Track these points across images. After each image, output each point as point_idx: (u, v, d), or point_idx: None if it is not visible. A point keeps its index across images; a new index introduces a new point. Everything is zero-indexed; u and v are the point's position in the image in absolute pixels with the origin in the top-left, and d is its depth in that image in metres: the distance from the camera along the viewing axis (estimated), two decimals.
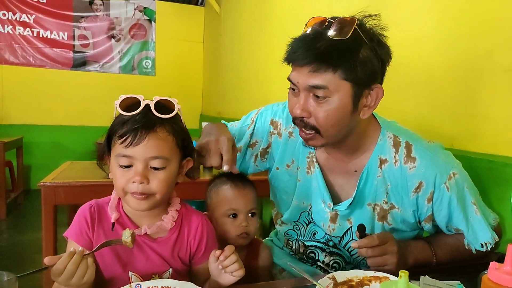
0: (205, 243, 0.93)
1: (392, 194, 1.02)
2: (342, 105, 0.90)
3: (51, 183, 1.89)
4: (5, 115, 5.20)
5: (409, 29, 1.55)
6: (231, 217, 1.11)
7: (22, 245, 3.30)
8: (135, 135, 0.80)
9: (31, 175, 5.32)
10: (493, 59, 1.18)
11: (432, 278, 0.87)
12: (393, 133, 1.03)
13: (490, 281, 0.59)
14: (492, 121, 1.19)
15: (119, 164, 0.83)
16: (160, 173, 0.83)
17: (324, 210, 1.07)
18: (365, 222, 1.03)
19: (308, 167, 1.10)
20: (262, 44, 3.31)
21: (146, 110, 0.83)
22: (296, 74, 0.92)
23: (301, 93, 0.92)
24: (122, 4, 5.58)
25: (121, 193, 0.85)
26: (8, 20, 5.14)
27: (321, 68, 0.87)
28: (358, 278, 0.84)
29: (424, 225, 1.05)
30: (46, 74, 5.30)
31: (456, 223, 1.01)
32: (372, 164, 1.02)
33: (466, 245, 1.03)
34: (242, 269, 0.83)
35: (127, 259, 0.87)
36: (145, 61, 5.73)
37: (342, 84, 0.88)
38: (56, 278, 0.74)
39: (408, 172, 1.00)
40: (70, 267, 0.73)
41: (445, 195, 0.98)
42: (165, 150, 0.83)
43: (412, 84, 1.53)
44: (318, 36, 0.88)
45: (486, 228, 1.00)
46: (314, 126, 0.92)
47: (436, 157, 1.00)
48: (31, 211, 4.38)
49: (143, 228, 0.87)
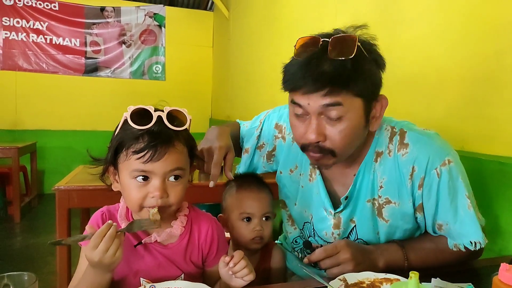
0: (217, 246, 0.94)
1: (387, 188, 0.99)
2: (357, 122, 0.89)
3: (65, 187, 1.92)
4: (19, 120, 5.30)
5: (418, 30, 1.54)
6: (245, 221, 1.12)
7: (36, 248, 3.36)
8: (154, 151, 0.78)
9: (45, 179, 5.41)
10: (502, 60, 1.17)
11: (444, 281, 0.87)
12: (390, 125, 1.01)
13: (501, 283, 0.59)
14: (503, 123, 1.18)
15: (136, 179, 0.81)
16: (177, 184, 0.83)
17: (327, 217, 1.06)
18: (368, 219, 1.03)
19: (311, 174, 1.09)
20: (271, 47, 3.33)
21: (159, 123, 0.81)
22: (304, 97, 0.87)
23: (312, 116, 0.88)
24: (133, 11, 5.66)
25: (136, 208, 0.83)
26: (22, 28, 5.25)
27: (334, 91, 0.84)
28: (369, 280, 0.84)
29: (417, 216, 1.00)
30: (59, 80, 5.41)
31: (442, 214, 0.96)
32: (369, 159, 1.00)
33: (453, 246, 0.97)
34: (252, 274, 0.83)
35: (138, 266, 0.87)
36: (155, 66, 5.80)
37: (355, 101, 0.87)
38: (91, 251, 0.73)
39: (401, 159, 0.96)
40: (107, 239, 0.73)
41: (435, 181, 0.94)
42: (182, 161, 0.84)
43: (421, 86, 1.53)
44: (319, 58, 0.85)
45: (478, 226, 0.94)
46: (329, 149, 0.89)
47: (431, 142, 0.96)
48: (45, 215, 4.46)
49: (153, 235, 0.87)
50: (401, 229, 1.02)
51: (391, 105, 0.93)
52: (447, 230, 0.98)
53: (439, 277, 0.87)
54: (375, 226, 1.03)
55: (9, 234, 3.72)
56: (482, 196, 1.17)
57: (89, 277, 0.78)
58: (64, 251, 1.98)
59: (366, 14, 1.86)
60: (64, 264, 1.99)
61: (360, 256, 0.92)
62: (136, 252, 0.87)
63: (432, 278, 0.87)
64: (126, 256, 0.86)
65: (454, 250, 0.98)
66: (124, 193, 0.86)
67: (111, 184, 0.89)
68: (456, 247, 0.97)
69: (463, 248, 0.96)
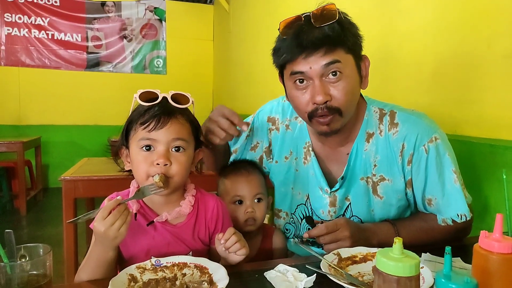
0: (222, 223, 0.99)
1: (381, 166, 1.05)
2: (354, 79, 0.97)
3: (71, 178, 1.99)
4: (23, 116, 5.36)
5: (413, 20, 1.58)
6: (237, 204, 1.15)
7: (42, 240, 3.42)
8: (158, 120, 0.87)
9: (49, 173, 5.48)
10: (492, 47, 1.21)
11: (433, 255, 0.91)
12: (378, 107, 1.08)
13: (481, 249, 0.63)
14: (492, 107, 1.22)
15: (142, 147, 0.88)
16: (180, 155, 0.89)
17: (322, 196, 1.11)
18: (362, 197, 1.08)
19: (305, 157, 1.14)
20: (271, 40, 3.35)
21: (164, 101, 0.90)
22: (304, 62, 0.94)
23: (315, 80, 0.94)
24: (133, 5, 5.68)
25: (144, 177, 0.88)
26: (24, 24, 5.29)
27: (330, 50, 0.92)
28: (362, 254, 0.89)
29: (407, 191, 1.06)
30: (61, 75, 5.46)
31: (431, 189, 1.01)
32: (360, 140, 1.07)
33: (442, 221, 1.02)
34: (245, 248, 0.88)
35: (149, 245, 0.92)
36: (156, 60, 5.83)
37: (348, 57, 0.95)
38: (99, 222, 0.78)
39: (392, 138, 1.03)
40: (115, 212, 0.79)
41: (423, 157, 1.00)
42: (185, 133, 0.90)
43: (418, 73, 1.56)
44: (308, 27, 0.93)
45: (464, 200, 1.00)
46: (336, 107, 0.95)
47: (419, 121, 1.03)
48: (50, 208, 4.54)
49: (164, 215, 0.93)
50: (395, 206, 1.08)
51: (389, 92, 0.97)
52: (436, 205, 1.03)
53: (429, 252, 0.92)
54: (369, 204, 1.08)
55: (16, 227, 3.80)
56: (473, 177, 1.21)
57: (94, 254, 0.84)
58: (71, 239, 2.04)
59: (364, 5, 1.90)
60: (71, 253, 2.06)
61: (357, 234, 0.97)
62: (147, 231, 0.92)
63: (422, 253, 0.92)
64: (137, 235, 0.91)
65: (442, 225, 1.03)
66: (133, 167, 0.92)
67: (123, 168, 0.96)
68: (444, 222, 1.03)
69: (450, 222, 1.02)
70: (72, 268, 2.04)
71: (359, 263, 0.87)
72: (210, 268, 0.81)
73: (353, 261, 0.87)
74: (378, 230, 1.03)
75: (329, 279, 0.76)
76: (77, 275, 0.86)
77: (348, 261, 0.87)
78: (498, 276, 0.60)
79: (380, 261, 0.55)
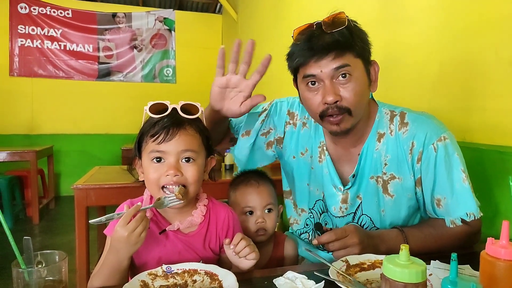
0: (232, 233, 1.00)
1: (391, 164, 1.07)
2: (363, 81, 1.00)
3: (83, 186, 2.02)
4: (36, 125, 5.46)
5: (419, 27, 1.59)
6: (248, 215, 1.17)
7: (54, 248, 3.40)
8: (167, 132, 0.88)
9: (61, 182, 5.56)
10: (500, 54, 1.21)
11: (442, 263, 0.91)
12: (389, 109, 1.11)
13: (488, 255, 0.64)
14: (502, 114, 1.21)
15: (153, 159, 0.90)
16: (190, 165, 0.91)
17: (336, 194, 1.14)
18: (372, 196, 1.10)
19: (320, 156, 1.17)
20: (278, 48, 3.38)
21: (174, 113, 0.92)
22: (315, 66, 0.99)
23: (325, 82, 0.99)
24: (143, 16, 5.79)
25: (156, 188, 0.90)
26: (37, 35, 5.42)
27: (339, 54, 0.97)
28: (370, 261, 0.89)
29: (417, 191, 1.07)
30: (73, 85, 5.57)
31: (440, 188, 1.03)
32: (371, 140, 1.10)
33: (450, 223, 1.02)
34: (255, 252, 0.89)
35: (160, 253, 0.93)
36: (166, 69, 5.91)
37: (357, 62, 0.99)
38: (122, 227, 0.80)
39: (402, 136, 1.06)
40: (138, 218, 0.81)
41: (432, 155, 1.02)
42: (194, 144, 0.92)
43: (424, 81, 1.57)
44: (319, 33, 0.98)
45: (473, 199, 1.01)
46: (346, 107, 0.99)
47: (428, 121, 1.06)
48: (62, 216, 4.58)
49: (176, 224, 0.94)
50: (405, 205, 1.09)
51: (395, 99, 0.99)
52: (445, 205, 1.03)
53: (438, 259, 0.92)
54: (379, 203, 1.10)
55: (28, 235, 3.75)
56: (482, 184, 1.21)
57: (109, 262, 0.85)
58: (84, 247, 2.07)
59: (369, 15, 1.91)
60: (83, 261, 2.09)
61: (366, 241, 0.98)
62: (159, 240, 0.94)
63: (431, 261, 0.92)
64: (149, 243, 0.93)
65: (451, 228, 1.03)
66: (145, 178, 0.94)
67: (137, 178, 0.98)
68: (453, 223, 1.03)
69: (459, 222, 1.02)
70: (84, 276, 2.06)
71: (368, 270, 0.87)
72: (220, 275, 0.82)
73: (361, 268, 0.88)
74: (387, 237, 1.03)
75: (338, 286, 0.76)
76: (89, 282, 0.88)
77: (357, 268, 0.87)
78: (505, 282, 0.61)
79: (387, 268, 0.56)
